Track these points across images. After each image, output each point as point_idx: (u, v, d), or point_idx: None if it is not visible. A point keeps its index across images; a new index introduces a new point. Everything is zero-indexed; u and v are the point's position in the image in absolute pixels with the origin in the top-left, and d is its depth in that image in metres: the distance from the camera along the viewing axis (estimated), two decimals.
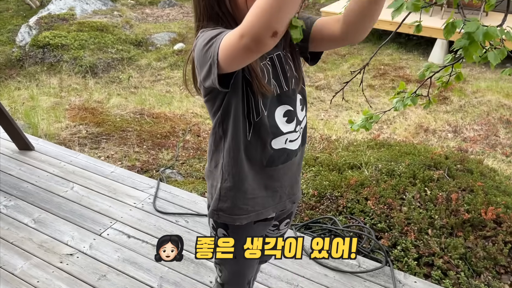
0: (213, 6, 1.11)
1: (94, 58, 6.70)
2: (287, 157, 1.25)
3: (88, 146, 3.89)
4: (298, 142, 1.27)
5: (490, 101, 5.57)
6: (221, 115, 1.18)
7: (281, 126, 1.20)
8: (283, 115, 1.20)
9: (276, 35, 0.87)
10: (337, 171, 3.17)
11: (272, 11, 0.85)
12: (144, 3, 10.09)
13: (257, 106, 1.15)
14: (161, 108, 5.05)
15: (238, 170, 1.22)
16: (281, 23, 0.86)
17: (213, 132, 1.24)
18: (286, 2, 0.84)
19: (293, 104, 1.22)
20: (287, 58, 1.20)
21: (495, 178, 3.08)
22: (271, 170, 1.25)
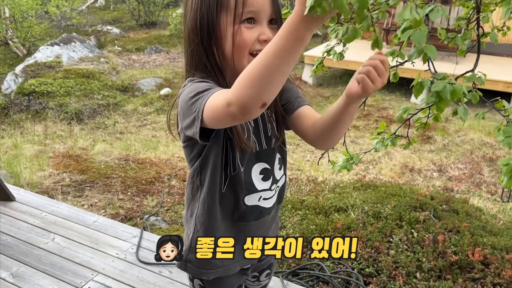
0: (201, 57, 1.11)
1: (80, 105, 6.71)
2: (260, 215, 1.23)
3: (72, 194, 3.83)
4: (273, 200, 1.25)
5: (472, 140, 5.65)
6: (200, 165, 1.17)
7: (256, 184, 1.19)
8: (259, 173, 1.19)
9: (265, 106, 0.86)
10: (324, 214, 3.15)
11: (263, 83, 0.82)
12: (131, 50, 10.25)
13: (234, 160, 1.14)
14: (147, 153, 5.03)
15: (211, 223, 1.20)
16: (271, 95, 0.85)
17: (191, 181, 1.22)
18: (278, 73, 0.82)
19: (271, 162, 1.21)
20: (270, 118, 1.21)
21: (481, 218, 3.08)
22: (242, 226, 1.23)
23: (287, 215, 3.17)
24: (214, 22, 1.06)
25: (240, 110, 0.85)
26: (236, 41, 1.04)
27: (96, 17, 13.16)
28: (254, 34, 1.04)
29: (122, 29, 11.92)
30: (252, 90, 0.83)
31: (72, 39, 9.09)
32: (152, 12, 12.49)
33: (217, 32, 1.06)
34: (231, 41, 1.04)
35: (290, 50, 0.78)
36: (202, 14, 1.06)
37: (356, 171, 4.86)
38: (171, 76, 8.33)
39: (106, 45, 10.47)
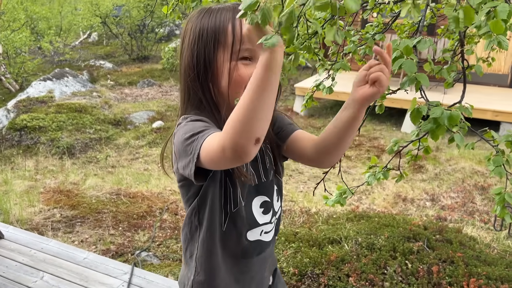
0: (196, 92, 1.11)
1: (71, 139, 6.70)
2: (261, 249, 1.22)
3: (62, 230, 3.78)
4: (271, 233, 1.24)
5: (464, 168, 5.68)
6: (197, 204, 1.15)
7: (258, 218, 1.18)
8: (260, 206, 1.19)
9: (259, 141, 0.87)
10: (318, 247, 3.12)
11: (250, 121, 0.85)
12: (123, 84, 10.33)
13: (235, 196, 1.13)
14: (139, 187, 5.00)
15: (211, 263, 1.18)
16: (262, 130, 0.87)
17: (189, 221, 1.20)
18: (262, 110, 0.85)
19: (270, 195, 1.21)
20: (267, 150, 1.21)
21: (474, 247, 3.07)
22: (245, 262, 1.21)
23: (281, 248, 3.13)
24: (210, 58, 1.07)
25: (235, 152, 0.87)
26: (232, 77, 1.06)
27: (89, 52, 13.31)
28: (250, 70, 1.04)
29: (115, 63, 12.05)
30: (242, 130, 0.86)
31: (65, 74, 9.16)
32: (145, 47, 12.66)
33: (213, 68, 1.08)
34: (227, 77, 1.06)
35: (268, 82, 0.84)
36: (199, 50, 1.08)
37: (349, 202, 4.85)
38: (163, 109, 8.38)
39: (98, 80, 10.55)
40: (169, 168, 1.23)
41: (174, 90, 9.87)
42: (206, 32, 1.07)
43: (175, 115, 7.72)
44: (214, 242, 1.16)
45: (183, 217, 4.14)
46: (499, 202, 1.63)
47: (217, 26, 1.07)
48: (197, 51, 1.09)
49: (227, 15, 1.07)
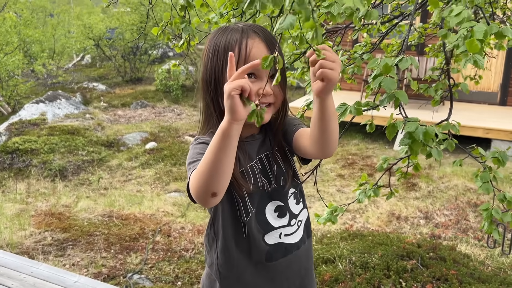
0: (209, 105, 1.23)
1: (64, 161, 6.67)
2: (286, 251, 1.27)
3: (53, 253, 3.73)
4: (298, 235, 1.29)
5: (456, 186, 5.70)
6: (212, 217, 1.27)
7: (272, 221, 1.25)
8: (274, 210, 1.25)
9: (215, 195, 1.00)
10: None
11: (207, 179, 0.97)
12: (116, 105, 10.34)
13: (245, 206, 1.22)
14: (131, 209, 4.97)
15: (233, 270, 1.27)
16: (218, 187, 0.99)
17: (207, 233, 1.32)
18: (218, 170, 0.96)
19: (284, 199, 1.27)
20: (276, 157, 1.28)
21: (468, 265, 3.06)
22: (272, 265, 1.27)
23: None
24: (219, 76, 1.18)
25: (197, 199, 1.02)
26: None
27: (82, 75, 13.36)
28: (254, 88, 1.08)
29: (108, 85, 12.09)
30: (201, 184, 0.99)
31: (58, 96, 9.17)
32: (138, 69, 12.73)
33: (222, 83, 1.15)
34: None
35: (223, 146, 0.95)
36: (211, 67, 1.20)
37: (343, 220, 4.83)
38: (156, 130, 8.38)
39: (91, 102, 10.56)
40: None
41: (167, 111, 9.89)
42: (218, 51, 1.18)
43: (168, 136, 7.72)
44: (231, 251, 1.25)
45: (175, 238, 4.11)
46: (486, 218, 1.64)
47: (227, 45, 1.17)
48: (209, 68, 1.21)
49: (236, 36, 1.16)
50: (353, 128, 8.05)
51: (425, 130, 1.02)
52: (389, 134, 1.13)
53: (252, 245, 1.24)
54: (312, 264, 1.42)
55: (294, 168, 1.30)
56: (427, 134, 1.02)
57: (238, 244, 1.24)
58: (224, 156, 0.96)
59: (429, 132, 1.02)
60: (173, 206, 5.16)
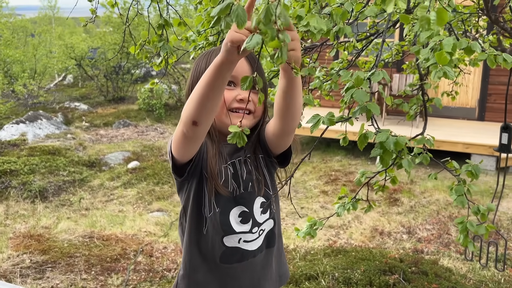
0: None
1: (44, 182, 6.57)
2: (242, 257, 1.30)
3: (31, 276, 3.64)
4: (257, 243, 1.32)
5: (438, 200, 5.76)
6: (184, 206, 1.32)
7: (234, 225, 1.29)
8: (238, 215, 1.29)
9: (196, 124, 1.06)
10: (294, 284, 3.08)
11: (193, 105, 1.05)
12: (98, 125, 10.27)
13: (210, 202, 1.27)
14: (113, 229, 4.90)
15: (191, 263, 1.32)
16: (199, 116, 1.05)
17: (179, 223, 1.38)
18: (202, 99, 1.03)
19: (250, 206, 1.30)
20: (248, 164, 1.32)
21: (450, 278, 3.08)
22: (226, 268, 1.31)
23: None
24: None
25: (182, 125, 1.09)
26: None
27: (64, 94, 13.26)
28: (233, 94, 1.23)
29: (90, 105, 12.01)
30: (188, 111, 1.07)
31: (39, 116, 9.07)
32: (121, 88, 12.70)
33: None
34: None
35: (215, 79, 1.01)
36: (195, 76, 1.29)
37: (327, 237, 4.84)
38: (139, 149, 8.33)
39: (73, 121, 10.47)
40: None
41: (150, 130, 9.85)
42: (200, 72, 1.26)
43: (151, 155, 7.64)
44: (191, 243, 1.31)
45: (158, 258, 4.05)
46: (462, 230, 1.66)
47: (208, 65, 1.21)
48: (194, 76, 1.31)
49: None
50: (335, 144, 8.11)
51: (396, 140, 1.04)
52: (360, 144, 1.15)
53: (209, 242, 1.28)
54: (271, 274, 1.42)
55: (267, 178, 1.33)
56: (397, 144, 1.05)
57: (198, 239, 1.29)
58: (211, 90, 1.01)
59: (400, 142, 1.04)
60: (155, 225, 5.11)
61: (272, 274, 1.41)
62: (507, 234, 4.73)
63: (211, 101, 1.03)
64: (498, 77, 7.78)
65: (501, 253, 3.71)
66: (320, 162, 7.48)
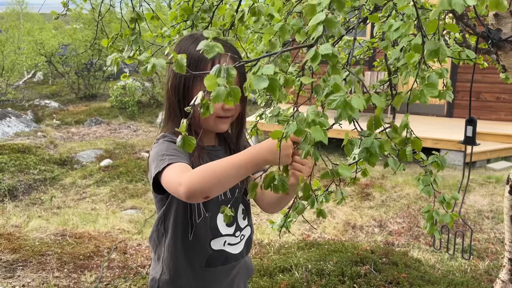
0: (175, 109, 1.29)
1: (14, 181, 6.42)
2: (226, 260, 1.34)
3: (1, 275, 3.57)
4: (239, 247, 1.37)
5: (408, 194, 5.91)
6: (163, 214, 1.32)
7: (221, 228, 1.33)
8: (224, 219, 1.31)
9: (207, 198, 1.07)
10: (268, 276, 3.12)
11: (215, 183, 1.05)
12: (70, 123, 10.09)
13: (198, 209, 1.29)
14: (85, 227, 4.84)
15: (176, 267, 1.33)
16: (215, 193, 1.07)
17: (156, 229, 1.38)
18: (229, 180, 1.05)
19: (235, 210, 1.35)
20: None
21: (419, 268, 3.18)
22: (210, 271, 1.34)
23: None
24: (190, 85, 1.26)
25: (186, 194, 1.05)
26: None
27: (34, 92, 12.97)
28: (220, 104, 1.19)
29: (61, 102, 11.79)
30: (203, 185, 1.04)
31: (7, 114, 8.86)
32: (92, 85, 12.50)
33: (191, 95, 1.24)
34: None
35: (247, 171, 1.07)
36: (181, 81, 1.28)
37: (301, 231, 4.90)
38: (112, 147, 8.23)
39: (44, 119, 10.26)
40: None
41: (123, 128, 9.74)
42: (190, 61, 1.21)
43: (124, 152, 7.55)
44: (177, 249, 1.32)
45: (132, 255, 4.03)
46: (428, 219, 1.72)
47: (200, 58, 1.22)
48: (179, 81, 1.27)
49: None
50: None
51: (380, 144, 1.09)
52: (347, 151, 1.20)
53: (197, 247, 1.31)
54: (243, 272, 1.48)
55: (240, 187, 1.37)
56: (382, 147, 1.09)
57: (184, 244, 1.31)
58: (240, 176, 1.07)
59: (384, 145, 1.09)
60: (129, 223, 5.07)
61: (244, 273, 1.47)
62: (474, 226, 4.89)
63: (232, 182, 1.08)
64: (465, 74, 8.02)
65: (467, 244, 3.85)
66: None
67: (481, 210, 5.34)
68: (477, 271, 3.58)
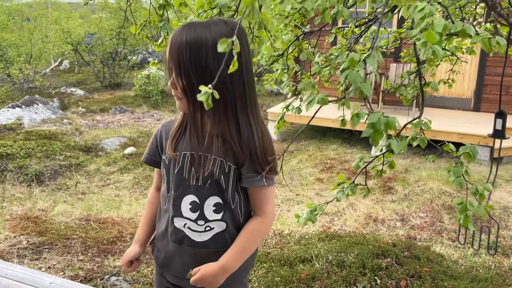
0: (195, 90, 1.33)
1: (40, 166, 6.58)
2: (182, 240, 1.37)
3: (29, 257, 3.67)
4: (202, 237, 1.35)
5: (432, 189, 5.82)
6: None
7: (183, 210, 1.36)
8: (189, 203, 1.35)
9: None
10: (289, 266, 3.13)
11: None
12: (95, 111, 10.25)
13: (168, 184, 1.38)
14: (109, 213, 4.93)
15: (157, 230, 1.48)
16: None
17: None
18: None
19: (202, 199, 1.34)
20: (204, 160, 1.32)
21: (442, 263, 3.13)
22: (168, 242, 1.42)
23: (253, 269, 3.13)
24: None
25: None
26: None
27: (60, 80, 13.20)
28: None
29: (86, 90, 11.97)
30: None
31: (35, 101, 9.04)
32: (117, 74, 12.65)
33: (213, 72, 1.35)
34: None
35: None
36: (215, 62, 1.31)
37: (321, 223, 4.89)
38: (135, 135, 8.33)
39: (69, 107, 10.45)
40: None
41: (146, 117, 9.84)
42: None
43: (147, 141, 7.69)
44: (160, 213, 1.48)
45: None
46: (461, 211, 1.70)
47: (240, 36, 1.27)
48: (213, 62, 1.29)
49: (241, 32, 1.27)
50: (331, 133, 8.15)
51: (387, 121, 1.07)
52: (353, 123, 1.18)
53: (166, 217, 1.41)
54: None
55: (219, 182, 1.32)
56: (388, 125, 1.07)
57: (161, 211, 1.47)
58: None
59: (391, 122, 1.07)
60: None
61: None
62: (500, 223, 4.80)
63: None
64: (494, 68, 7.82)
65: (492, 241, 3.78)
66: (316, 151, 7.52)
67: (507, 206, 5.23)
68: (501, 268, 3.52)
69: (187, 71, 1.21)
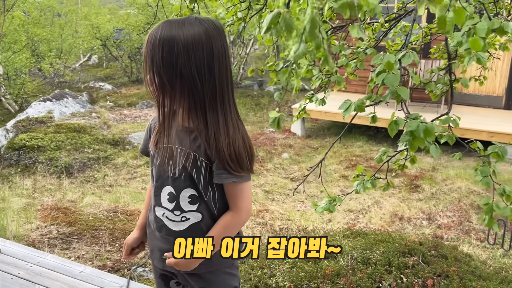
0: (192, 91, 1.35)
1: (70, 159, 6.73)
2: (161, 229, 1.44)
3: (59, 246, 3.78)
4: (179, 227, 1.41)
5: (460, 188, 5.71)
6: None
7: (162, 200, 1.42)
8: (167, 194, 1.41)
9: None
10: (313, 262, 3.12)
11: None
12: (122, 105, 10.42)
13: (152, 174, 1.45)
14: (136, 205, 5.01)
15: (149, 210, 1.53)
16: None
17: None
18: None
19: (178, 191, 1.38)
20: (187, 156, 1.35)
21: (470, 263, 3.08)
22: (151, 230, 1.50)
23: (277, 263, 3.14)
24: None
25: None
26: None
27: (89, 74, 13.46)
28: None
29: (114, 85, 12.17)
30: None
31: (65, 95, 9.25)
32: None
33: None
34: None
35: None
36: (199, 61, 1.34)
37: (346, 220, 4.86)
38: None
39: (98, 101, 10.65)
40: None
41: None
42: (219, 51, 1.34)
43: None
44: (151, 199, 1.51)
45: None
46: (487, 211, 1.66)
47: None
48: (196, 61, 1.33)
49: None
50: (357, 130, 8.07)
51: (426, 128, 1.06)
52: (391, 131, 1.17)
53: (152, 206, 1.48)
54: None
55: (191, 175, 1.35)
56: (427, 132, 1.06)
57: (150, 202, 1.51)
58: None
59: (429, 129, 1.06)
60: None
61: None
62: None
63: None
64: None
65: None
66: (341, 147, 7.47)
67: None
68: None
69: (159, 69, 1.25)
